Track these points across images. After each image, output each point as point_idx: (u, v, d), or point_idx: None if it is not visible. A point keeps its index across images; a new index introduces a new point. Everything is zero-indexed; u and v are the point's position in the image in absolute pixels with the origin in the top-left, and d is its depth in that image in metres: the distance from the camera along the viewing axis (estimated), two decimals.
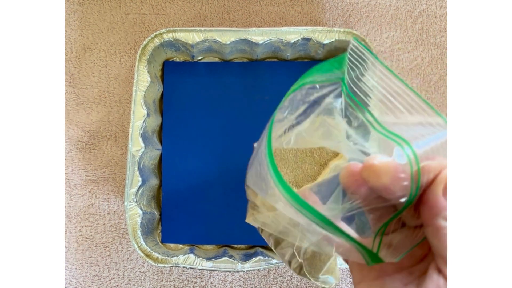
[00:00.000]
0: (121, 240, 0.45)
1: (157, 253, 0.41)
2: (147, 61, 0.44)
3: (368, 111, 0.20)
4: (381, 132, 0.19)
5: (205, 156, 0.46)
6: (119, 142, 0.47)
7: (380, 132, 0.19)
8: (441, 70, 0.48)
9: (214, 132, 0.46)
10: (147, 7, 0.49)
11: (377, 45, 0.49)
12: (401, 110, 0.19)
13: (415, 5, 0.50)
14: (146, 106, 0.43)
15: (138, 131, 0.42)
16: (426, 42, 0.49)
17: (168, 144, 0.46)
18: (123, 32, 0.49)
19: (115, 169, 0.46)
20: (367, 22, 0.49)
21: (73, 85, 0.48)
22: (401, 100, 0.19)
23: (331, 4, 0.50)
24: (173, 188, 0.45)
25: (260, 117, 0.47)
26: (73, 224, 0.45)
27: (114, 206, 0.45)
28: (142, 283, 0.44)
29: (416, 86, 0.48)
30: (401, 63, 0.49)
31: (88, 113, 0.47)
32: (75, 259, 0.44)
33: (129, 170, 0.41)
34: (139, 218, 0.41)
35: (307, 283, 0.44)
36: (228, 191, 0.45)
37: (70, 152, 0.46)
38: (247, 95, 0.47)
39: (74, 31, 0.49)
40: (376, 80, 0.21)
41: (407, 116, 0.19)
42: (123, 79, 0.48)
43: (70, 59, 0.48)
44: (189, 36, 0.44)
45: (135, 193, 0.41)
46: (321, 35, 0.44)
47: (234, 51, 0.46)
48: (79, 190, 0.46)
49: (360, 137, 0.22)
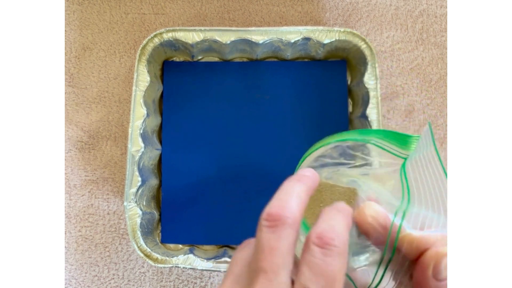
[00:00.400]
0: (121, 241, 0.45)
1: (156, 254, 0.40)
2: (147, 60, 0.44)
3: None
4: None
5: (205, 156, 0.46)
6: (119, 142, 0.47)
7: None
8: (441, 70, 0.48)
9: (214, 132, 0.46)
10: (146, 7, 0.49)
11: (377, 45, 0.49)
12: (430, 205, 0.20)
13: (415, 5, 0.50)
14: (146, 106, 0.43)
15: (138, 131, 0.42)
16: (426, 41, 0.49)
17: (168, 144, 0.46)
18: (122, 31, 0.49)
19: (115, 169, 0.46)
20: (367, 21, 0.49)
21: (72, 85, 0.48)
22: (435, 196, 0.21)
23: (331, 3, 0.50)
24: (173, 188, 0.45)
25: (260, 117, 0.47)
26: (72, 224, 0.45)
27: (113, 206, 0.45)
28: (141, 284, 0.44)
29: (416, 86, 0.48)
30: (401, 63, 0.48)
31: (88, 113, 0.47)
32: (75, 259, 0.44)
33: (129, 170, 0.41)
34: (139, 218, 0.41)
35: None
36: (228, 191, 0.45)
37: (69, 152, 0.46)
38: (247, 95, 0.47)
39: (73, 31, 0.49)
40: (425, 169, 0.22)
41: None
42: (122, 79, 0.48)
43: (70, 59, 0.48)
44: (188, 35, 0.44)
45: (135, 193, 0.41)
46: (321, 34, 0.44)
47: (234, 51, 0.46)
48: (79, 190, 0.46)
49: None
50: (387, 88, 0.48)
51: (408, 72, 0.48)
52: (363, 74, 0.44)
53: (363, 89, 0.43)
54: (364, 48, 0.44)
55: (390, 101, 0.48)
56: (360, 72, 0.45)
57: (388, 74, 0.48)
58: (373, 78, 0.43)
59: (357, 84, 0.45)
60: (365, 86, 0.43)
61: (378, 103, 0.42)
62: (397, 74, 0.48)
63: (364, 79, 0.43)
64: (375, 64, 0.43)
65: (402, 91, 0.48)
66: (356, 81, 0.46)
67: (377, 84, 0.43)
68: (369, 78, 0.43)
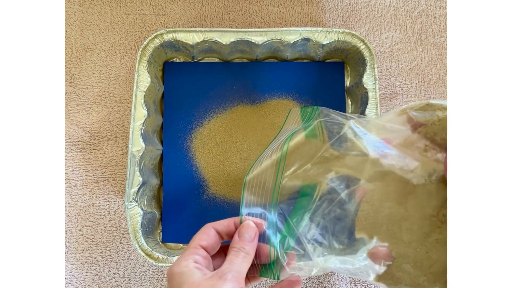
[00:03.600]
0: (122, 240, 0.45)
1: (157, 253, 0.41)
2: (148, 61, 0.44)
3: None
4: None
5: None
6: (120, 142, 0.47)
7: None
8: (440, 70, 0.48)
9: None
10: (147, 8, 0.50)
11: (377, 45, 0.49)
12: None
13: (414, 6, 0.50)
14: (147, 106, 0.43)
15: (139, 131, 0.42)
16: (425, 42, 0.49)
17: (168, 144, 0.46)
18: (123, 32, 0.49)
19: (116, 169, 0.46)
20: (366, 22, 0.50)
21: (73, 85, 0.48)
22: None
23: (330, 4, 0.50)
24: (173, 188, 0.45)
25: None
26: (73, 223, 0.45)
27: (114, 206, 0.45)
28: (142, 283, 0.44)
29: (415, 86, 0.48)
30: (400, 63, 0.49)
31: (89, 113, 0.47)
32: (76, 258, 0.44)
33: (130, 170, 0.41)
34: (140, 217, 0.41)
35: (307, 282, 0.44)
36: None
37: (70, 152, 0.46)
38: (247, 95, 0.47)
39: (74, 31, 0.49)
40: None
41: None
42: (123, 79, 0.48)
43: (71, 59, 0.48)
44: (189, 36, 0.44)
45: (136, 193, 0.41)
46: (321, 35, 0.44)
47: (234, 52, 0.47)
48: (80, 190, 0.46)
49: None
50: (386, 88, 0.48)
51: (407, 72, 0.49)
52: (362, 74, 0.44)
53: (362, 90, 0.44)
54: (363, 49, 0.44)
55: (389, 101, 0.48)
56: (359, 72, 0.45)
57: (387, 74, 0.48)
58: (372, 78, 0.43)
59: (356, 85, 0.45)
60: (364, 87, 0.43)
61: (377, 104, 0.43)
62: (396, 74, 0.48)
63: (363, 80, 0.43)
64: (374, 65, 0.43)
65: (401, 92, 0.48)
66: (355, 81, 0.46)
67: (376, 84, 0.43)
68: (368, 78, 0.43)
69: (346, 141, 0.27)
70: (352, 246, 0.26)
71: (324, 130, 0.28)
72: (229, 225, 0.28)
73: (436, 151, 0.24)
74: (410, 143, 0.25)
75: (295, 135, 0.28)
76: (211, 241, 0.27)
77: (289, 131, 0.29)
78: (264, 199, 0.27)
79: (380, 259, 0.25)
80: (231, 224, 0.28)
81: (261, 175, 0.28)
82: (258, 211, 0.28)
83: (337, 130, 0.27)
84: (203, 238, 0.27)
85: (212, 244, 0.27)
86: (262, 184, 0.28)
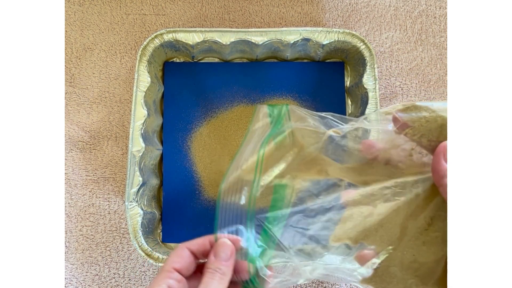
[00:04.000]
0: (122, 240, 0.45)
1: (157, 253, 0.41)
2: (148, 61, 0.44)
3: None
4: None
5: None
6: (120, 142, 0.47)
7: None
8: (440, 70, 0.48)
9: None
10: (147, 8, 0.50)
11: (377, 45, 0.49)
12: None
13: (414, 6, 0.50)
14: (147, 106, 0.43)
15: (139, 131, 0.42)
16: (425, 42, 0.49)
17: (169, 144, 0.46)
18: (123, 32, 0.49)
19: (116, 169, 0.46)
20: (366, 22, 0.50)
21: (73, 85, 0.48)
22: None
23: (330, 4, 0.50)
24: (173, 188, 0.45)
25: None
26: (73, 223, 0.45)
27: (114, 206, 0.46)
28: (142, 283, 0.44)
29: (415, 86, 0.48)
30: (400, 63, 0.49)
31: (89, 113, 0.47)
32: (76, 258, 0.44)
33: (130, 170, 0.41)
34: (140, 217, 0.41)
35: (306, 283, 0.44)
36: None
37: (70, 152, 0.46)
38: (247, 95, 0.47)
39: (74, 31, 0.49)
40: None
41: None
42: (123, 80, 0.48)
43: (71, 59, 0.48)
44: (189, 36, 0.44)
45: (136, 193, 0.41)
46: (321, 35, 0.44)
47: (234, 52, 0.47)
48: (80, 190, 0.46)
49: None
50: (386, 88, 0.48)
51: (407, 72, 0.49)
52: (362, 74, 0.44)
53: (362, 90, 0.44)
54: (363, 49, 0.44)
55: (389, 101, 0.48)
56: (359, 72, 0.45)
57: (387, 74, 0.48)
58: (372, 79, 0.43)
59: (356, 85, 0.45)
60: (364, 87, 0.43)
61: (377, 104, 0.43)
62: (396, 74, 0.48)
63: (363, 80, 0.43)
64: (374, 65, 0.43)
65: (401, 92, 0.48)
66: (355, 81, 0.46)
67: (376, 84, 0.43)
68: (368, 79, 0.43)
69: (327, 150, 0.26)
70: (335, 250, 0.26)
71: (296, 137, 0.27)
72: (204, 244, 0.27)
73: (422, 155, 0.24)
74: (396, 146, 0.24)
75: (267, 143, 0.27)
76: (185, 263, 0.26)
77: (257, 136, 0.28)
78: (239, 212, 0.26)
79: (368, 263, 0.25)
80: (206, 243, 0.27)
81: (235, 185, 0.27)
82: (233, 227, 0.26)
83: (314, 140, 0.27)
84: (177, 261, 0.26)
85: (186, 266, 0.26)
86: (236, 196, 0.26)
